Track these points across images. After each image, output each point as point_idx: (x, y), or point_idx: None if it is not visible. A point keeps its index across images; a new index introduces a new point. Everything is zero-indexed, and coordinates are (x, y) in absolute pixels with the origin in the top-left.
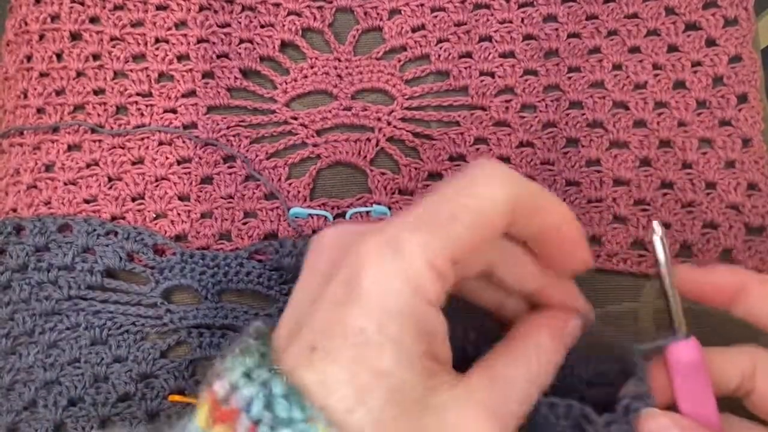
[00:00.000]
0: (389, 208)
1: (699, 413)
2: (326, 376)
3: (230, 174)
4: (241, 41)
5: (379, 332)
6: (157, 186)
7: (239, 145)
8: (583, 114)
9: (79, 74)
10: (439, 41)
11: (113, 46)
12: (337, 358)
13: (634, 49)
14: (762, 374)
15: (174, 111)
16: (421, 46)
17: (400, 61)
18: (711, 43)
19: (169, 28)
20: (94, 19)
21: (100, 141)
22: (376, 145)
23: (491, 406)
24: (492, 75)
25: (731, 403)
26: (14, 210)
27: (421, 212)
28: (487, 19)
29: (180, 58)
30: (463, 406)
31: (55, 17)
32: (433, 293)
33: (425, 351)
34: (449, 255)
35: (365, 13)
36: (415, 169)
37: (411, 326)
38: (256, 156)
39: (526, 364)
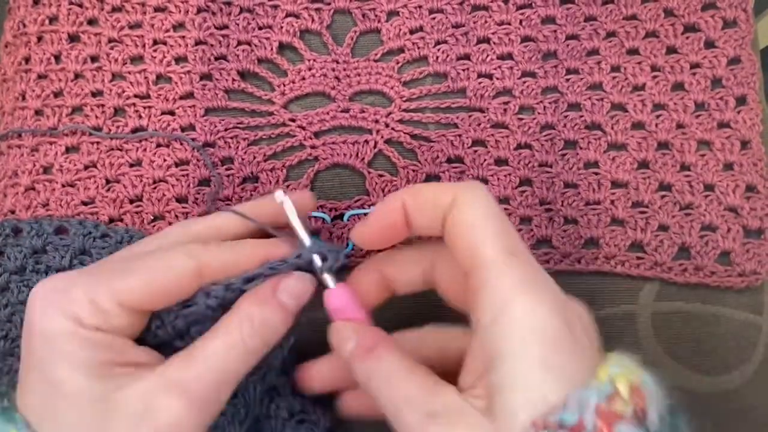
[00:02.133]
0: None
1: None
2: (24, 395)
3: (228, 176)
4: (239, 43)
5: (50, 352)
6: (155, 188)
7: (237, 147)
8: (582, 116)
9: (78, 76)
10: (437, 43)
11: (111, 48)
12: (26, 381)
13: (633, 51)
14: (439, 269)
15: (172, 113)
16: (419, 47)
17: (398, 62)
18: (710, 44)
19: (167, 30)
20: (92, 21)
21: (98, 143)
22: (374, 147)
23: (182, 383)
24: (490, 77)
25: None
26: (12, 212)
27: (108, 262)
28: (485, 21)
29: (178, 60)
30: (151, 390)
31: (53, 19)
32: (91, 323)
33: (109, 360)
34: (115, 299)
35: (363, 15)
36: (413, 171)
37: (80, 342)
38: (254, 158)
39: (225, 334)
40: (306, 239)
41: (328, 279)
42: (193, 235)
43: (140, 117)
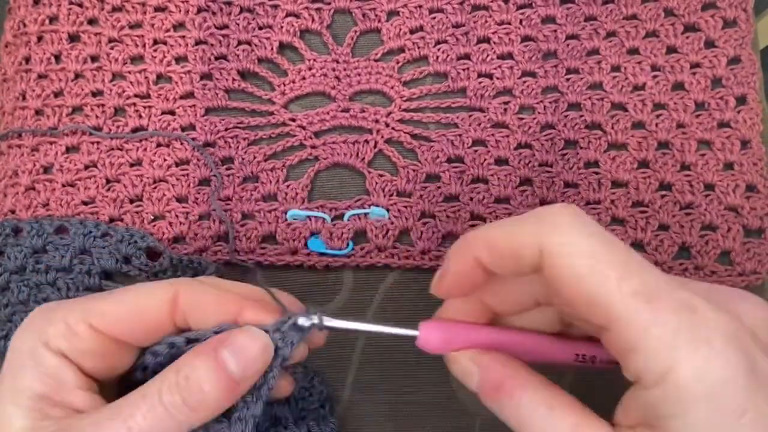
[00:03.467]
0: (387, 210)
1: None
2: None
3: (228, 176)
4: (240, 43)
5: (8, 373)
6: (155, 188)
7: (237, 147)
8: (582, 116)
9: (78, 76)
10: (438, 43)
11: (111, 48)
12: None
13: (633, 51)
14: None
15: (172, 113)
16: (419, 47)
17: (398, 62)
18: (710, 44)
19: (168, 30)
20: (92, 21)
21: (98, 143)
22: (374, 146)
23: None
24: (490, 77)
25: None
26: (12, 211)
27: (101, 293)
28: (486, 21)
29: (178, 59)
30: None
31: (53, 19)
32: (57, 345)
33: (44, 394)
34: (84, 319)
35: (363, 15)
36: (413, 170)
37: (32, 367)
38: (254, 157)
39: (146, 385)
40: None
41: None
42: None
43: (140, 117)
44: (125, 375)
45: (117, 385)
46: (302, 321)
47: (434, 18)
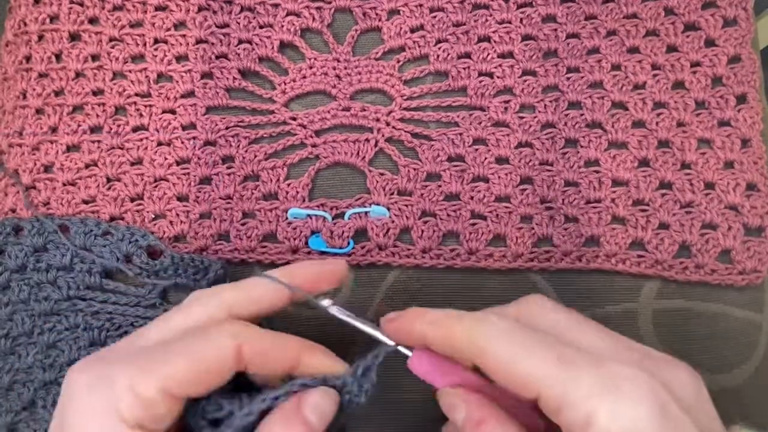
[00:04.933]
0: (388, 209)
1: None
2: None
3: (229, 174)
4: (240, 42)
5: None
6: (156, 186)
7: (238, 146)
8: (582, 114)
9: (78, 75)
10: (438, 42)
11: (112, 47)
12: None
13: (633, 50)
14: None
15: (173, 112)
16: (419, 46)
17: (398, 61)
18: (710, 43)
19: (168, 29)
20: (93, 20)
21: (98, 142)
22: (375, 145)
23: None
24: (491, 75)
25: None
26: (13, 210)
27: (147, 346)
28: (486, 20)
29: (179, 58)
30: None
31: (54, 18)
32: (135, 417)
33: None
34: (159, 387)
35: (364, 14)
36: (414, 169)
37: None
38: (255, 156)
39: None
40: (383, 338)
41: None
42: (225, 304)
43: (141, 116)
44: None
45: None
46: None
47: (435, 17)
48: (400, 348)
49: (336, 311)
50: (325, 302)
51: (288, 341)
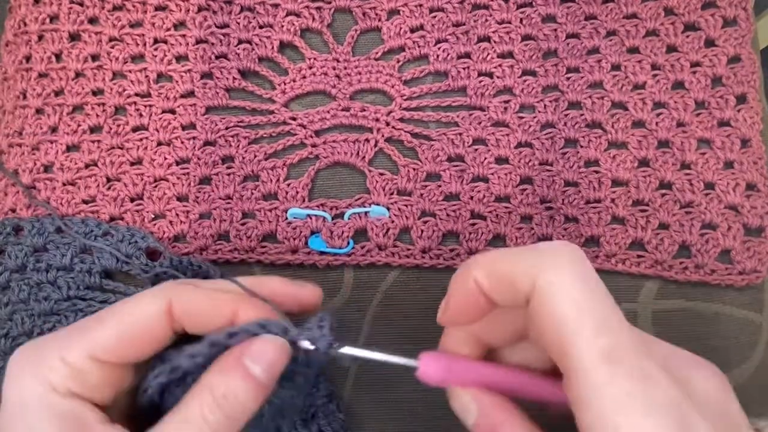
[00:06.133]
0: (387, 209)
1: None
2: None
3: (229, 174)
4: (240, 42)
5: (21, 426)
6: (155, 186)
7: (238, 146)
8: (582, 114)
9: (78, 75)
10: (438, 42)
11: (112, 47)
12: None
13: (633, 50)
14: (533, 335)
15: (173, 111)
16: (419, 46)
17: (398, 61)
18: (710, 43)
19: (168, 29)
20: (93, 20)
21: (98, 141)
22: (375, 145)
23: None
24: (491, 75)
25: None
26: (13, 210)
27: (82, 320)
28: (486, 20)
29: (179, 58)
30: None
31: (54, 18)
32: (66, 386)
33: None
34: (86, 353)
35: (364, 14)
36: (414, 169)
37: (49, 417)
38: (255, 156)
39: (185, 410)
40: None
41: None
42: (166, 293)
43: (141, 116)
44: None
45: (125, 404)
46: (305, 344)
47: (434, 17)
48: (408, 362)
49: (352, 351)
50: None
51: (220, 297)
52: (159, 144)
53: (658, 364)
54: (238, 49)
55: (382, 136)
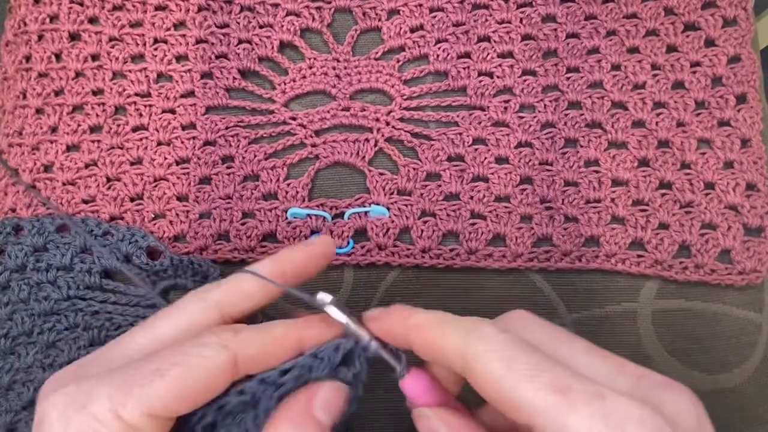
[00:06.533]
0: (387, 209)
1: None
2: None
3: (228, 174)
4: (240, 42)
5: None
6: (155, 186)
7: (238, 146)
8: (582, 114)
9: (78, 74)
10: (438, 41)
11: (112, 47)
12: None
13: (633, 50)
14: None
15: (173, 111)
16: (419, 46)
17: (398, 61)
18: (710, 43)
19: (168, 29)
20: (93, 20)
21: (98, 141)
22: (375, 145)
23: None
24: (491, 75)
25: None
26: (13, 210)
27: (127, 366)
28: (486, 20)
29: (179, 58)
30: None
31: (54, 17)
32: None
33: None
34: (145, 410)
35: (364, 14)
36: (414, 169)
37: None
38: (255, 156)
39: None
40: (362, 333)
41: (393, 362)
42: (213, 305)
43: (141, 115)
44: None
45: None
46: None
47: (434, 17)
48: (393, 362)
49: (334, 312)
50: (323, 297)
51: (285, 334)
52: (159, 144)
53: (612, 387)
54: (238, 49)
55: (382, 135)
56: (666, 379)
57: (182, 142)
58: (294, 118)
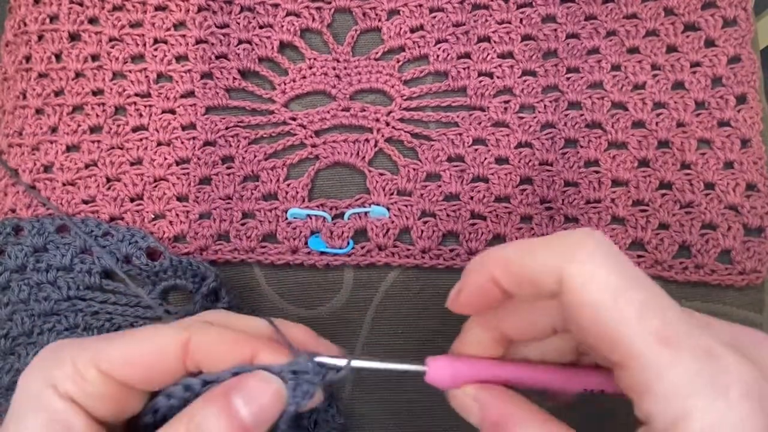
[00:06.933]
0: (387, 209)
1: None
2: None
3: (228, 174)
4: (240, 42)
5: (17, 417)
6: (155, 187)
7: (238, 146)
8: (582, 115)
9: (78, 75)
10: (438, 42)
11: (112, 47)
12: None
13: (633, 50)
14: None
15: (173, 112)
16: (419, 46)
17: (398, 61)
18: (710, 43)
19: (168, 29)
20: (93, 20)
21: (98, 142)
22: (375, 145)
23: None
24: (491, 75)
25: None
26: (13, 210)
27: (110, 333)
28: (486, 20)
29: (179, 58)
30: None
31: (54, 18)
32: (65, 388)
33: None
34: (92, 362)
35: (364, 14)
36: (414, 169)
37: (38, 412)
38: (255, 156)
39: None
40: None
41: (413, 368)
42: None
43: (141, 116)
44: (133, 418)
45: (124, 429)
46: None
47: (434, 17)
48: (417, 368)
49: (358, 363)
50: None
51: (241, 338)
52: (159, 144)
53: (722, 342)
54: (238, 49)
55: (382, 136)
56: (746, 329)
57: (182, 143)
58: (294, 119)
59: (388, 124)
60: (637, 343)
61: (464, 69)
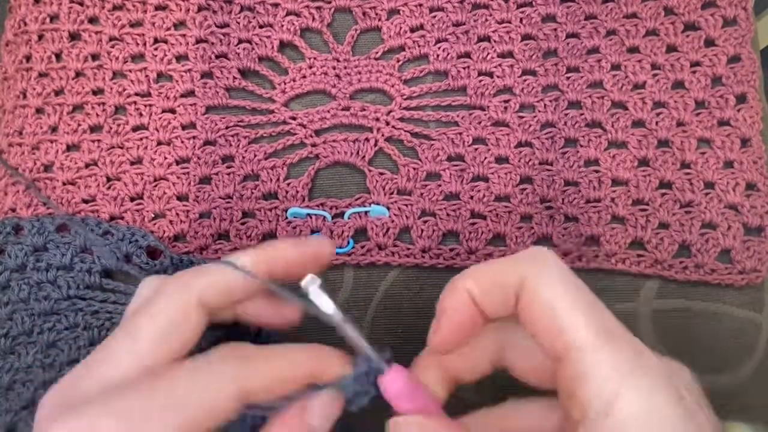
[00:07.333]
0: (387, 208)
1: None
2: None
3: (229, 174)
4: (240, 41)
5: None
6: (155, 186)
7: (238, 145)
8: (582, 114)
9: (78, 74)
10: (438, 41)
11: (112, 47)
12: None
13: (633, 49)
14: (512, 351)
15: (173, 111)
16: (419, 46)
17: (398, 61)
18: (710, 43)
19: (168, 29)
20: (93, 20)
21: (98, 141)
22: (375, 145)
23: None
24: (491, 75)
25: None
26: (13, 210)
27: (125, 394)
28: (486, 20)
29: (179, 58)
30: None
31: (54, 17)
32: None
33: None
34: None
35: (364, 14)
36: (414, 169)
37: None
38: (255, 156)
39: None
40: (369, 353)
41: (375, 356)
42: (195, 300)
43: (141, 115)
44: None
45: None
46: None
47: (434, 16)
48: (379, 362)
49: (350, 330)
50: (307, 282)
51: (296, 366)
52: (159, 143)
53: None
54: (238, 48)
55: (382, 135)
56: (667, 358)
57: (182, 142)
58: (294, 118)
59: (388, 124)
60: (582, 332)
61: (464, 68)
